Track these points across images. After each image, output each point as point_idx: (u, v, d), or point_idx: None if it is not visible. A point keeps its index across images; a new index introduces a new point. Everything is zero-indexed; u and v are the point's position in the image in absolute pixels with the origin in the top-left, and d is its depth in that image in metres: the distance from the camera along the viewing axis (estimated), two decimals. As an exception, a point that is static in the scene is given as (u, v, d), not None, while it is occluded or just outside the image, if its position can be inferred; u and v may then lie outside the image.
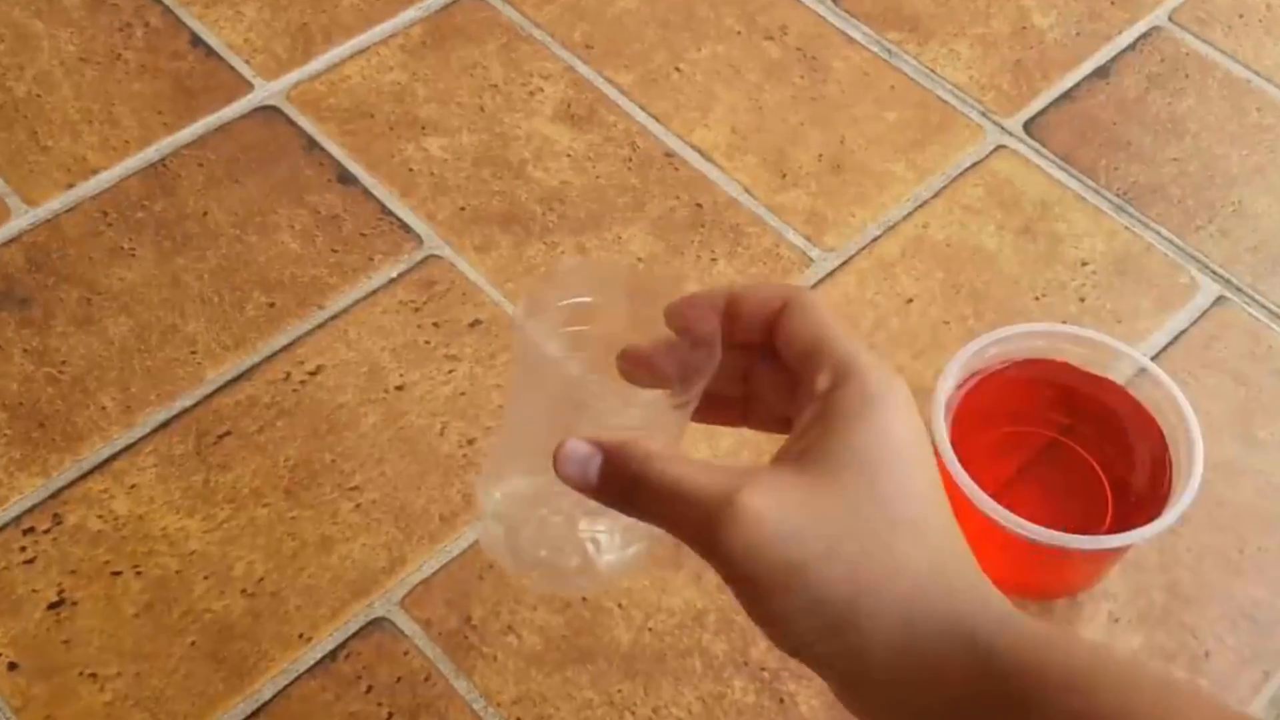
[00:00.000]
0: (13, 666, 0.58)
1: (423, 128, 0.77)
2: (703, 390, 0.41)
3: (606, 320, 0.44)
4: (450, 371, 0.68)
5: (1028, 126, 0.79)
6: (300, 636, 0.60)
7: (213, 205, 0.74)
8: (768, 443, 0.68)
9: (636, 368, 0.43)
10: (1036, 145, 0.78)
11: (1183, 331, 0.71)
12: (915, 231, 0.74)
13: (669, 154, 0.77)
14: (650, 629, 0.61)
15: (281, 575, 0.61)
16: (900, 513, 0.37)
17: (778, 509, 0.36)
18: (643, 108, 0.79)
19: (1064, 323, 0.68)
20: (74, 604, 0.60)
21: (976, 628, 0.35)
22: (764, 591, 0.36)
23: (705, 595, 0.61)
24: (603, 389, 0.42)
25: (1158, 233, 0.75)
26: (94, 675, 0.58)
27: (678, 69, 0.81)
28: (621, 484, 0.39)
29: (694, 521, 0.37)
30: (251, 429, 0.66)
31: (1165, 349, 0.70)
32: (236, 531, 0.62)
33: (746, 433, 0.66)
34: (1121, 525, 0.59)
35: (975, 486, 0.56)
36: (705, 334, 0.41)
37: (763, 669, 0.59)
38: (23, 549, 0.62)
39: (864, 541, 0.36)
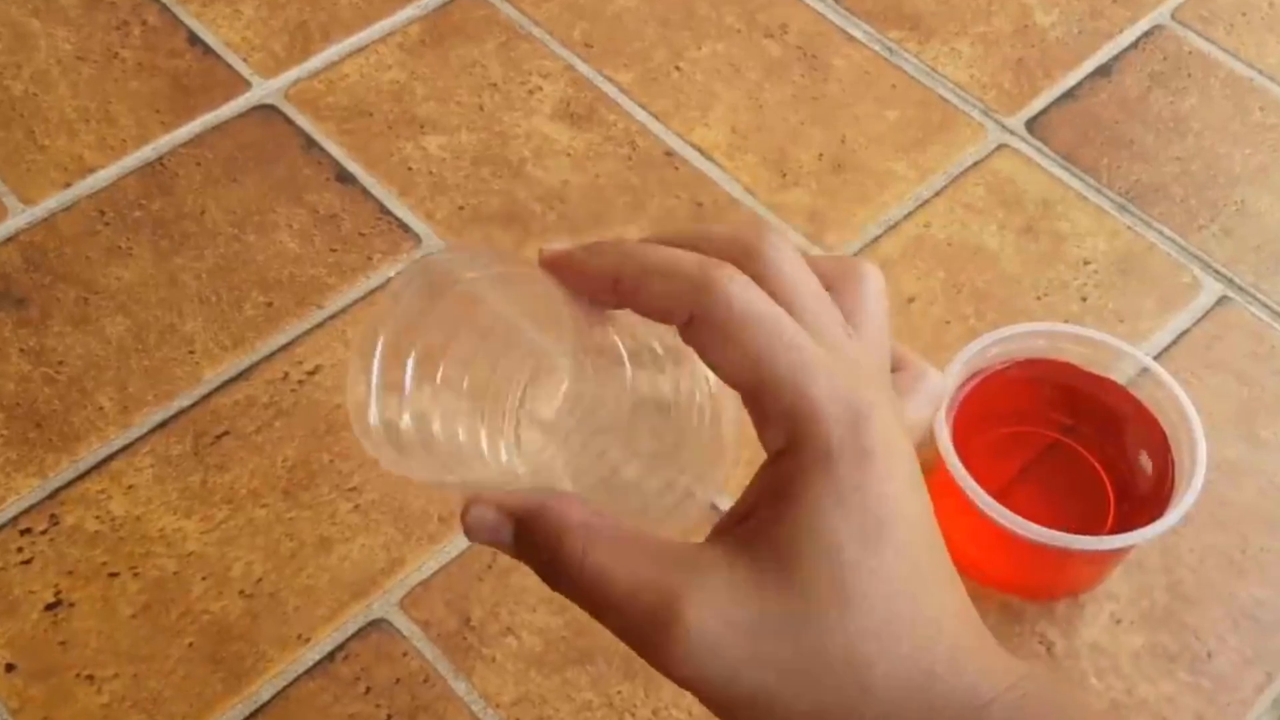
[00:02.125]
0: (10, 668, 0.58)
1: (421, 126, 0.77)
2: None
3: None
4: (449, 371, 0.68)
5: (1029, 125, 0.79)
6: (298, 637, 0.60)
7: (210, 204, 0.73)
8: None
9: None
10: (1038, 144, 0.78)
11: (1185, 331, 0.71)
12: (916, 231, 0.74)
13: (669, 153, 0.77)
14: (650, 630, 0.60)
15: (280, 576, 0.61)
16: (875, 617, 0.29)
17: (728, 627, 0.29)
18: (643, 106, 0.79)
19: (1066, 322, 0.68)
20: (71, 605, 0.60)
21: None
22: (715, 710, 0.31)
23: (705, 596, 0.61)
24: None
25: (1160, 232, 0.75)
26: (91, 677, 0.58)
27: (678, 67, 0.81)
28: (539, 563, 0.32)
29: (626, 630, 0.31)
30: (249, 429, 0.65)
31: (1167, 349, 0.70)
32: (234, 532, 0.62)
33: (747, 429, 0.66)
34: (1123, 525, 0.58)
35: (977, 487, 0.56)
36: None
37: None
38: (19, 550, 0.61)
39: (830, 662, 0.29)
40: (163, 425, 0.65)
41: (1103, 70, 0.82)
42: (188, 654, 0.59)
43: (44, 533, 0.62)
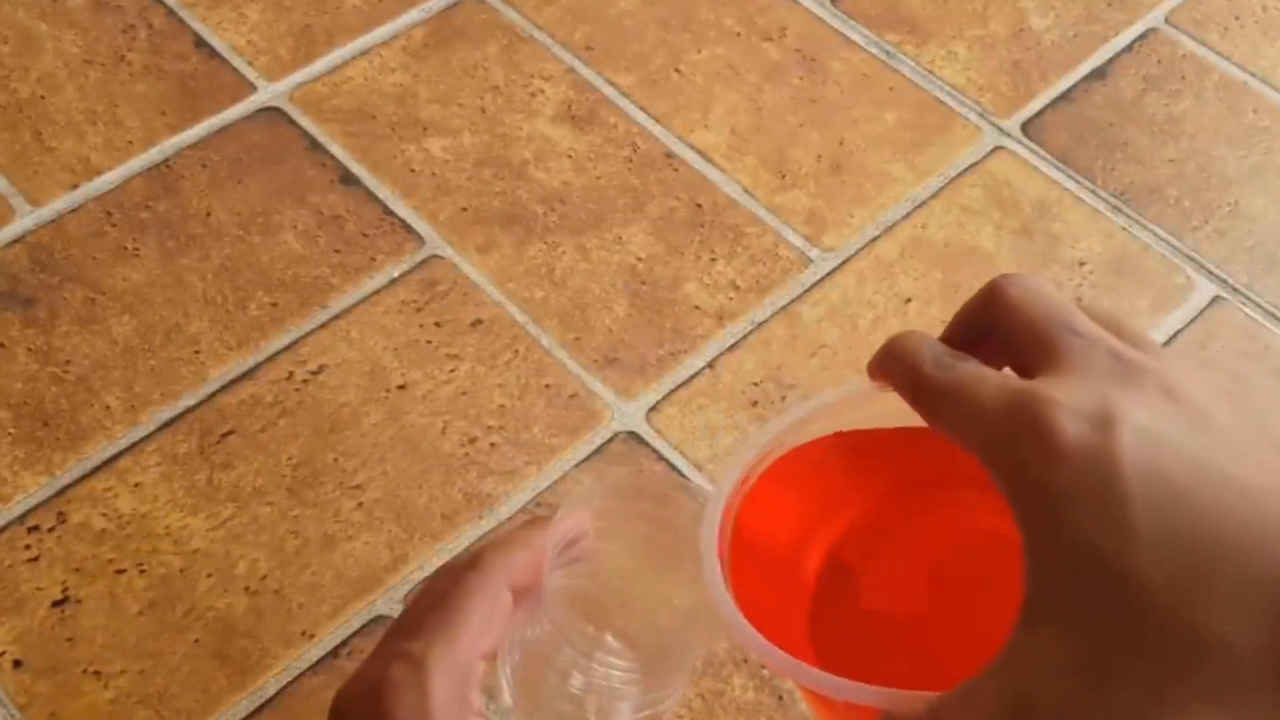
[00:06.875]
0: (17, 664, 0.59)
1: (424, 129, 0.78)
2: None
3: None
4: (452, 371, 0.68)
5: (1025, 127, 0.80)
6: (303, 634, 0.60)
7: (216, 205, 0.74)
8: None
9: None
10: (1034, 146, 0.79)
11: (1179, 331, 0.72)
12: (914, 232, 0.75)
13: (669, 155, 0.78)
14: (650, 626, 0.61)
15: (284, 573, 0.62)
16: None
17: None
18: (643, 109, 0.80)
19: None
20: (78, 602, 0.61)
21: None
22: None
23: (705, 593, 0.62)
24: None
25: (1154, 233, 0.75)
26: (98, 673, 0.59)
27: (678, 70, 0.82)
28: None
29: None
30: (254, 428, 0.66)
31: (1162, 348, 0.71)
32: (240, 530, 0.63)
33: (748, 430, 0.67)
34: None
35: (770, 644, 0.34)
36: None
37: (762, 666, 0.60)
38: (27, 547, 0.62)
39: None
40: (169, 424, 0.66)
41: (1098, 73, 0.83)
42: (193, 650, 0.60)
43: (51, 530, 0.63)
